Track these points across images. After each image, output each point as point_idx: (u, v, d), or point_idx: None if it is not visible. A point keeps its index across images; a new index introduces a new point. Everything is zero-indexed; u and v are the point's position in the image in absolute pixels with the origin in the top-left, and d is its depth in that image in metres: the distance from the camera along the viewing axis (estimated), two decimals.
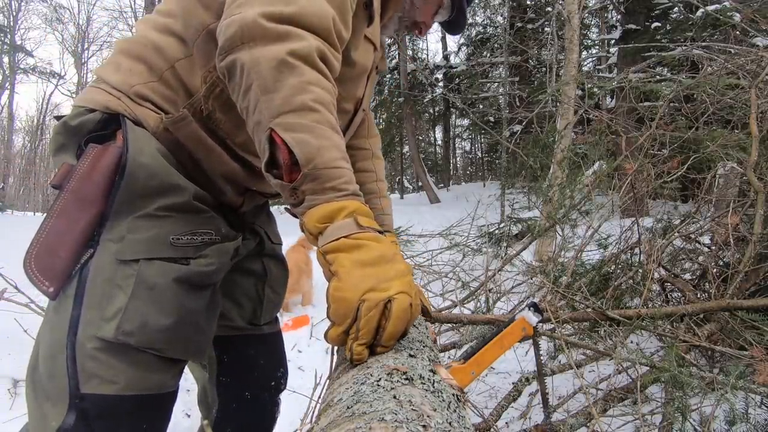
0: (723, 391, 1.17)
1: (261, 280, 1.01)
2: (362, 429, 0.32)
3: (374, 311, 0.52)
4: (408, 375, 0.44)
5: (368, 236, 0.58)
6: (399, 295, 0.54)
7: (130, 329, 0.66)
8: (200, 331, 0.76)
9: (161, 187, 0.71)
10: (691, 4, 5.77)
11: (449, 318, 1.74)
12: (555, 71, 7.39)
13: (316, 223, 0.58)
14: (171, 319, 0.70)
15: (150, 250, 0.69)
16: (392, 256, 0.57)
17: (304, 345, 2.93)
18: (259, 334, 1.02)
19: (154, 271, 0.69)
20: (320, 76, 0.62)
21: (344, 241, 0.56)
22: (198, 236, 0.75)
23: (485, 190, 11.43)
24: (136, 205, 0.70)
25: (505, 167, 8.48)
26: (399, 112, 13.61)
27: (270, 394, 1.03)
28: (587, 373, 1.82)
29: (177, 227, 0.72)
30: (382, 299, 0.53)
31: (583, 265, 2.26)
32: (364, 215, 0.60)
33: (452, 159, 20.40)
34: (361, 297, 0.52)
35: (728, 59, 2.39)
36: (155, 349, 0.69)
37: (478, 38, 12.65)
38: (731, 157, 2.17)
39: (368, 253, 0.56)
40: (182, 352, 0.74)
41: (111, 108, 0.73)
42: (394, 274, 0.55)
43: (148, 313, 0.67)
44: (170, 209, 0.72)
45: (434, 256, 4.32)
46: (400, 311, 0.53)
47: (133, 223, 0.69)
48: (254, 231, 0.98)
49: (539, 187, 3.38)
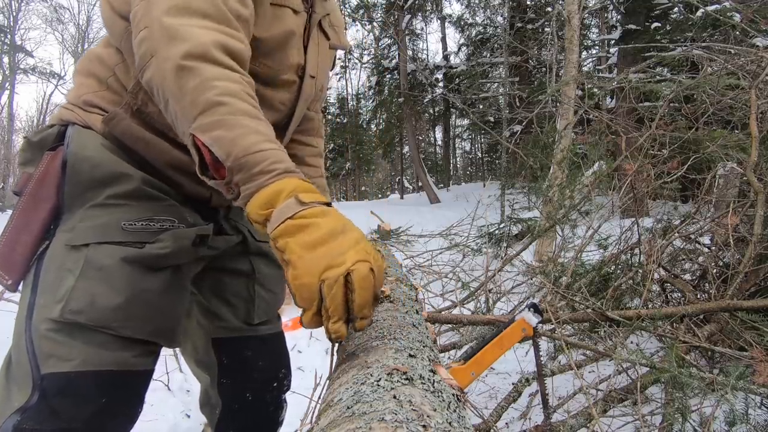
0: (723, 391, 1.18)
1: (250, 279, 1.00)
2: (362, 429, 0.32)
3: (336, 287, 0.53)
4: (408, 375, 0.44)
5: (314, 212, 0.57)
6: (357, 264, 0.54)
7: (78, 308, 0.69)
8: (158, 311, 0.77)
9: (108, 176, 0.74)
10: (691, 4, 5.78)
11: (449, 318, 1.74)
12: (555, 71, 7.39)
13: (258, 210, 0.58)
14: (121, 297, 0.71)
15: (99, 235, 0.72)
16: (342, 228, 0.57)
17: (304, 345, 2.93)
18: (256, 336, 1.01)
19: (102, 254, 0.72)
20: (220, 69, 0.63)
21: (290, 223, 0.55)
22: (155, 222, 0.77)
23: (485, 190, 11.43)
24: (86, 197, 0.74)
25: (505, 167, 8.48)
26: (399, 112, 13.62)
27: (272, 395, 1.02)
28: (587, 373, 1.82)
29: (130, 214, 0.75)
30: (340, 274, 0.53)
31: (583, 265, 2.26)
32: (305, 191, 0.59)
33: (452, 159, 20.41)
34: (320, 278, 0.53)
35: (728, 59, 2.39)
36: (109, 327, 0.71)
37: (478, 38, 12.65)
38: (731, 158, 2.17)
39: (317, 232, 0.55)
40: (139, 332, 0.75)
41: (65, 119, 0.79)
42: (348, 246, 0.55)
43: (96, 293, 0.70)
44: (121, 197, 0.75)
45: (434, 256, 4.33)
46: (361, 280, 0.53)
47: (85, 213, 0.73)
48: (237, 229, 0.98)
49: (539, 187, 3.38)
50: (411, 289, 1.04)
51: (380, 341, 0.59)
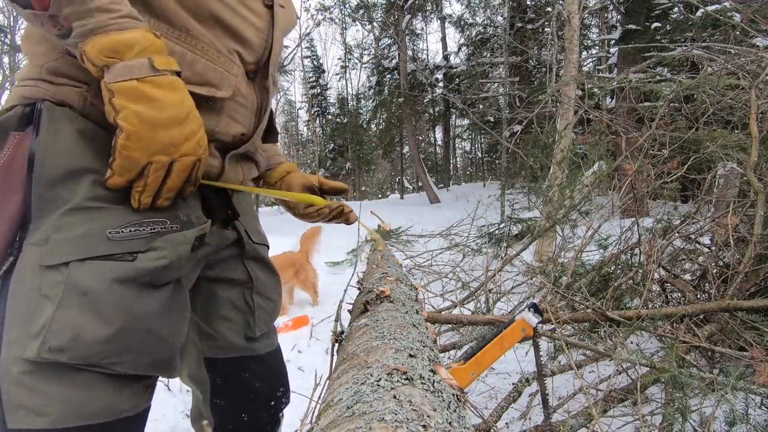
0: (723, 391, 1.18)
1: (248, 288, 0.89)
2: (362, 429, 0.32)
3: (161, 171, 0.58)
4: (408, 375, 0.44)
5: (163, 82, 0.55)
6: (183, 158, 0.59)
7: (59, 344, 0.56)
8: (158, 338, 0.64)
9: (87, 173, 0.61)
10: (691, 4, 5.77)
11: (449, 318, 1.74)
12: (555, 71, 7.39)
13: (100, 55, 0.53)
14: (112, 327, 0.59)
15: (81, 250, 0.59)
16: (186, 116, 0.58)
17: (304, 345, 2.93)
18: (254, 356, 0.91)
19: (86, 274, 0.58)
20: None
21: (135, 86, 0.53)
22: (146, 227, 0.63)
23: (485, 190, 11.43)
24: (60, 199, 0.59)
25: (505, 167, 8.47)
26: (399, 112, 13.61)
27: (269, 413, 0.94)
28: (587, 373, 1.82)
29: (116, 219, 0.61)
30: (168, 162, 0.58)
31: (583, 265, 2.26)
32: (159, 53, 0.55)
33: (452, 159, 20.41)
34: (149, 159, 0.56)
35: (728, 59, 2.39)
36: (97, 365, 0.58)
37: (478, 38, 12.65)
38: (731, 158, 2.17)
39: (160, 112, 0.55)
40: (135, 366, 0.62)
41: (29, 96, 0.63)
42: (184, 137, 0.58)
43: (81, 324, 0.57)
44: (104, 199, 0.61)
45: (434, 256, 4.33)
46: (180, 171, 0.60)
47: (60, 220, 0.59)
48: (233, 226, 0.86)
49: (539, 187, 3.38)
50: (411, 289, 1.04)
51: (380, 341, 0.59)
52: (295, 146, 25.34)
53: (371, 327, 0.67)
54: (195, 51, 0.66)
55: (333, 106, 20.45)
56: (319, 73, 20.49)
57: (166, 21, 0.64)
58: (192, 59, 0.66)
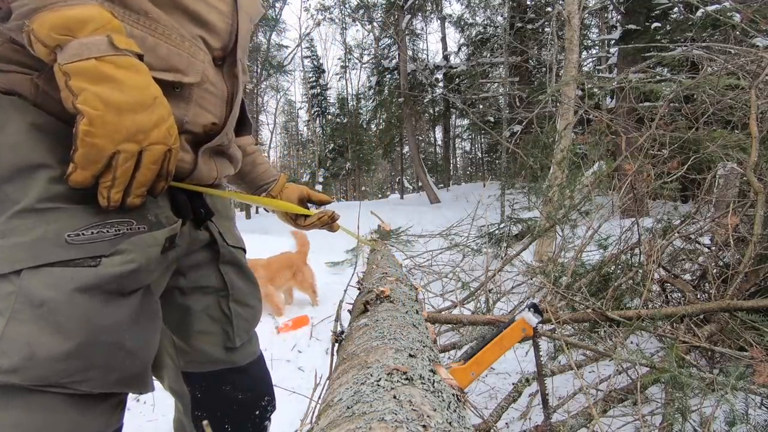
0: (723, 391, 1.17)
1: (223, 297, 0.83)
2: (362, 429, 0.32)
3: (130, 162, 0.52)
4: (408, 375, 0.44)
5: (124, 62, 0.50)
6: (152, 146, 0.53)
7: (11, 365, 0.50)
8: (126, 352, 0.58)
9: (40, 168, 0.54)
10: (691, 4, 5.78)
11: (449, 318, 1.74)
12: (555, 71, 7.39)
13: (50, 32, 0.47)
14: (73, 341, 0.53)
15: (35, 256, 0.52)
16: (152, 102, 0.52)
17: (304, 345, 2.93)
18: (234, 368, 0.86)
19: (42, 282, 0.52)
20: None
21: (94, 66, 0.48)
22: (110, 228, 0.57)
23: (485, 190, 11.44)
24: (7, 199, 0.53)
25: (505, 167, 8.48)
26: (399, 112, 13.61)
27: (254, 423, 0.89)
28: (587, 373, 1.82)
29: (75, 220, 0.55)
30: (137, 150, 0.52)
31: (583, 265, 2.26)
32: (118, 32, 0.51)
33: (452, 159, 20.42)
34: (116, 147, 0.50)
35: (728, 59, 2.39)
36: (57, 384, 0.53)
37: (478, 38, 12.65)
38: (731, 158, 2.17)
39: (125, 94, 0.49)
40: (102, 384, 0.56)
41: None
42: (153, 123, 0.52)
43: (36, 340, 0.51)
44: (61, 198, 0.54)
45: (434, 256, 4.33)
46: (150, 163, 0.53)
47: (8, 224, 0.53)
48: (205, 227, 0.81)
49: (539, 187, 3.38)
50: (411, 289, 1.04)
51: (380, 341, 0.59)
52: (295, 146, 25.33)
53: (371, 327, 0.67)
54: (156, 35, 0.60)
55: (333, 106, 20.45)
56: (319, 73, 20.51)
57: (121, 4, 0.57)
58: (154, 43, 0.59)
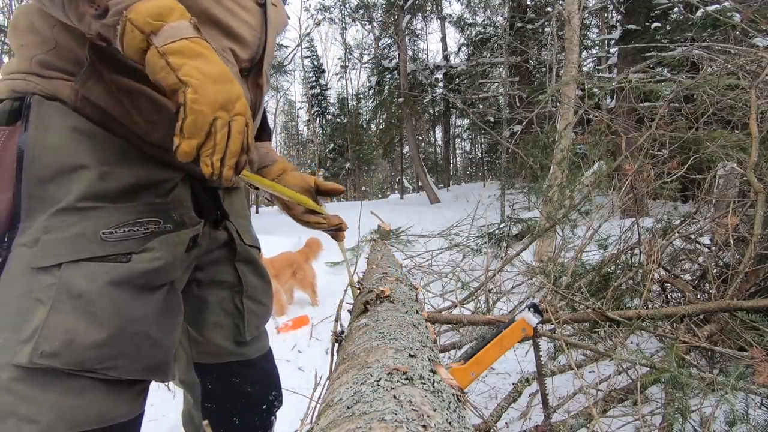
0: (723, 391, 1.17)
1: (237, 292, 0.87)
2: (362, 429, 0.32)
3: (225, 129, 0.54)
4: (408, 375, 0.44)
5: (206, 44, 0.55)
6: (237, 116, 0.55)
7: (53, 349, 0.54)
8: (153, 342, 0.63)
9: (81, 170, 0.59)
10: (691, 4, 5.78)
11: (449, 318, 1.74)
12: (555, 71, 7.39)
13: (147, 18, 0.51)
14: (107, 331, 0.58)
15: (74, 251, 0.57)
16: (232, 78, 0.56)
17: (304, 345, 2.93)
18: (244, 360, 0.90)
19: (80, 276, 0.57)
20: None
21: (187, 44, 0.53)
22: (140, 226, 0.62)
23: (485, 190, 11.44)
24: (50, 198, 0.58)
25: (505, 167, 8.48)
26: (399, 112, 13.61)
27: (261, 417, 0.93)
28: (587, 373, 1.82)
29: (109, 219, 0.60)
30: (230, 119, 0.54)
31: (583, 265, 2.26)
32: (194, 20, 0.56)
33: (452, 159, 20.43)
34: (214, 114, 0.53)
35: (728, 59, 2.39)
36: (90, 370, 0.57)
37: (478, 38, 12.65)
38: (731, 158, 2.17)
39: (215, 67, 0.54)
40: (128, 371, 0.61)
41: (18, 90, 0.62)
42: (236, 95, 0.55)
43: (75, 328, 0.56)
44: (98, 198, 0.60)
45: (434, 256, 4.33)
46: (237, 132, 0.55)
47: (50, 220, 0.57)
48: (224, 227, 0.85)
49: (539, 187, 3.38)
50: (411, 289, 1.04)
51: (380, 341, 0.59)
52: (295, 146, 25.34)
53: (371, 327, 0.67)
54: None
55: (333, 106, 20.47)
56: (319, 73, 20.52)
57: None
58: None
